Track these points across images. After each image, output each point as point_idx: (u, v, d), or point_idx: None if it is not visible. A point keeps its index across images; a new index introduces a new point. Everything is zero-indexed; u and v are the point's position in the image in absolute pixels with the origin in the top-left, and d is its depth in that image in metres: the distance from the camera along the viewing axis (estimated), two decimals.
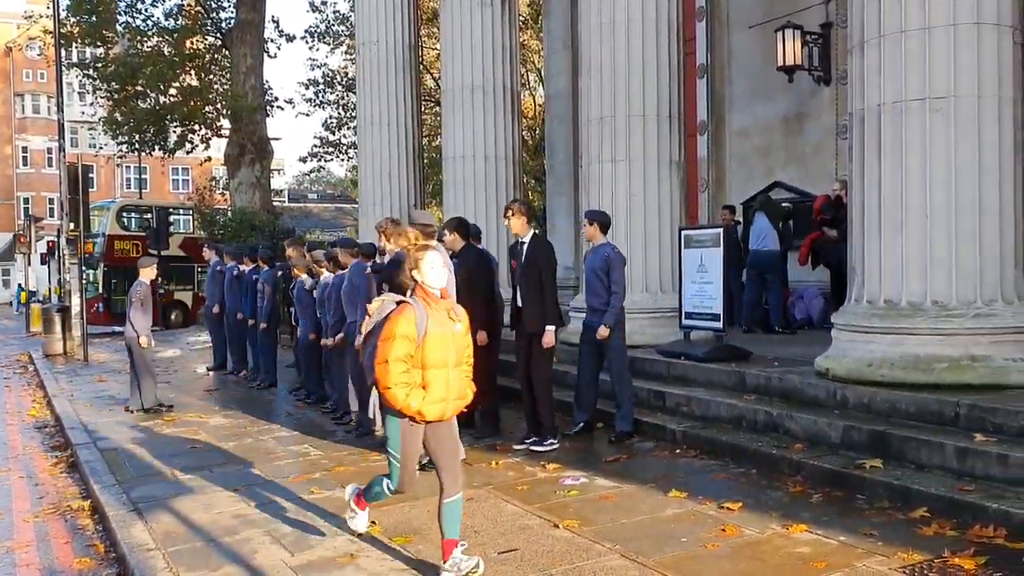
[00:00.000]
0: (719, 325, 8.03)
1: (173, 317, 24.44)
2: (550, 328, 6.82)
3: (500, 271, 8.44)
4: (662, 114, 9.09)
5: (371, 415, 4.69)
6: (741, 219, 11.32)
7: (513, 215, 6.92)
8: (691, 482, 5.77)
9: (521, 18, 22.28)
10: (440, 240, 6.87)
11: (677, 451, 6.68)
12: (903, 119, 6.07)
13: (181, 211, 27.61)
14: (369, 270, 7.54)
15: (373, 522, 5.10)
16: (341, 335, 8.22)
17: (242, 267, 11.88)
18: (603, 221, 7.26)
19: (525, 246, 6.92)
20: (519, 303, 6.97)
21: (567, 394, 8.23)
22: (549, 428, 6.91)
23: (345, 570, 4.44)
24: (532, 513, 5.22)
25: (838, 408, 6.25)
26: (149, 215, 25.33)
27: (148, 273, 9.61)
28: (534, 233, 6.99)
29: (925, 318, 5.99)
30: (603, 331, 6.94)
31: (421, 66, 18.08)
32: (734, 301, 10.22)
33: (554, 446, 6.80)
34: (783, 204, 11.21)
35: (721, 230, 8.12)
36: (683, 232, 8.57)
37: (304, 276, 9.43)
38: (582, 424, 7.30)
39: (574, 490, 5.69)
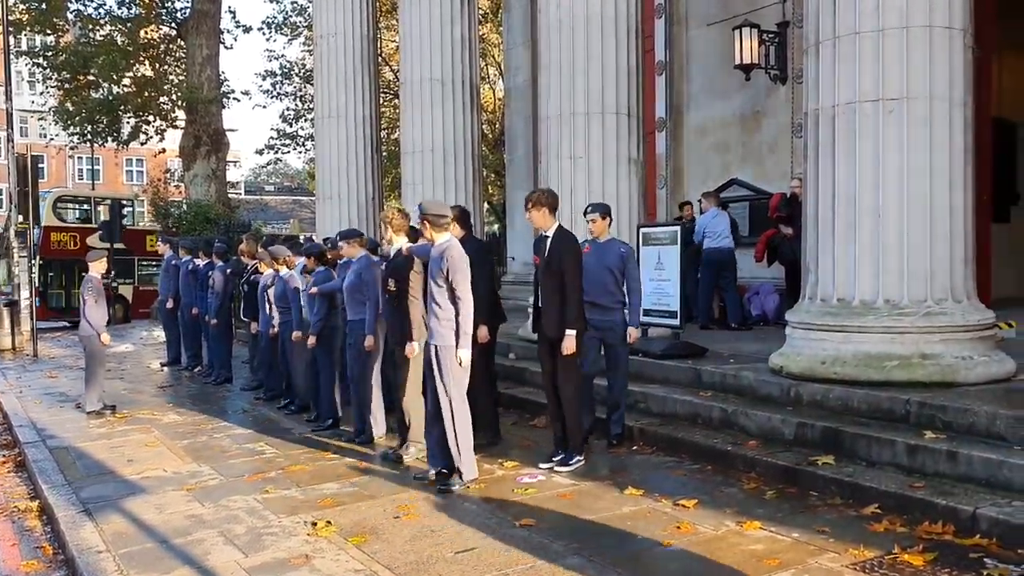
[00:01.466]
0: (676, 322, 8.09)
1: (112, 312, 23.89)
2: (571, 333, 6.03)
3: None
4: (621, 111, 9.12)
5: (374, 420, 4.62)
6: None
7: (532, 206, 6.22)
8: (647, 479, 5.81)
9: (481, 12, 22.25)
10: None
11: (634, 448, 6.71)
12: (856, 120, 6.15)
13: (123, 202, 26.95)
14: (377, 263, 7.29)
15: (328, 522, 5.07)
16: (301, 333, 8.15)
17: (197, 261, 11.74)
18: (610, 213, 6.78)
19: (549, 240, 6.20)
20: (539, 304, 6.34)
21: (523, 391, 8.27)
22: (576, 445, 6.20)
23: (300, 571, 4.39)
24: (490, 512, 5.22)
25: (792, 405, 6.33)
26: (87, 206, 24.80)
27: (98, 267, 9.31)
28: (559, 226, 6.28)
29: (877, 316, 6.08)
30: (634, 333, 6.59)
31: (380, 59, 17.99)
32: (691, 298, 10.30)
33: (580, 462, 6.15)
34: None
35: (678, 228, 8.17)
36: (641, 230, 8.61)
37: (284, 270, 9.02)
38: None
39: (532, 488, 5.69)
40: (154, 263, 25.20)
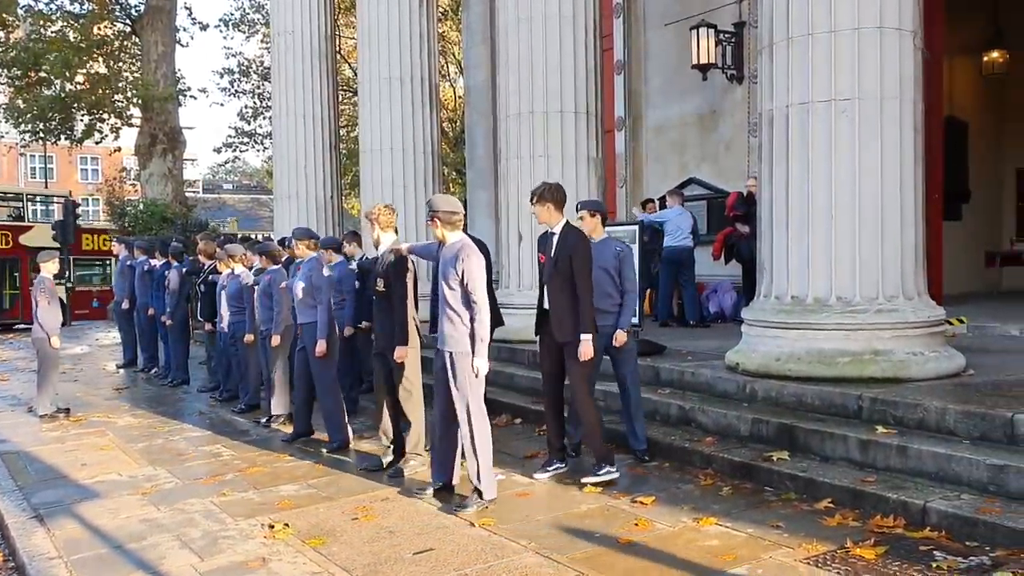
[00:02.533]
0: (635, 320, 8.12)
1: None
2: (586, 337, 5.61)
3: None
4: (579, 110, 9.17)
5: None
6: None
7: (537, 201, 5.84)
8: None
9: (440, 9, 22.18)
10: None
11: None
12: (810, 120, 6.23)
13: (55, 199, 26.25)
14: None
15: (285, 524, 5.04)
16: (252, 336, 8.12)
17: (153, 261, 11.58)
18: (605, 212, 6.42)
19: (555, 237, 5.80)
20: (545, 305, 5.89)
21: (509, 395, 8.25)
22: (602, 455, 5.74)
23: (256, 574, 4.36)
24: (448, 512, 5.21)
25: (748, 402, 6.40)
26: (18, 203, 24.24)
27: (50, 268, 9.15)
28: (566, 222, 5.87)
29: (830, 314, 6.17)
30: (621, 335, 6.04)
31: (339, 56, 17.87)
32: (651, 296, 10.38)
33: (613, 474, 5.71)
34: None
35: (637, 227, 8.22)
36: None
37: (240, 269, 8.87)
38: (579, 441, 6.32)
39: None
40: (92, 262, 24.75)
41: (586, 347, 5.63)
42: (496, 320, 6.63)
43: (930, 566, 4.01)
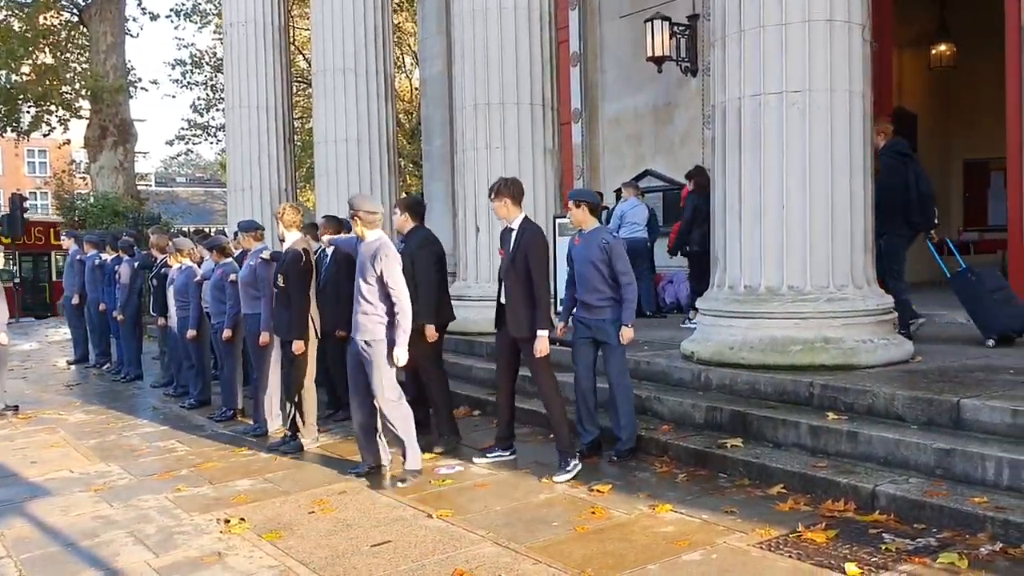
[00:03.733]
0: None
1: None
2: (542, 333, 5.67)
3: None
4: (536, 102, 9.19)
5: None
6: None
7: (495, 197, 5.87)
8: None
9: (395, 0, 22.04)
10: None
11: (551, 436, 6.71)
12: (761, 112, 6.31)
13: None
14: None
15: (242, 519, 5.00)
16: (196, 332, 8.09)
17: (104, 256, 11.40)
18: (593, 203, 6.07)
19: (514, 233, 5.85)
20: (502, 300, 5.94)
21: (467, 387, 8.25)
22: (567, 448, 5.74)
23: (212, 569, 4.33)
24: (406, 504, 5.21)
25: (702, 390, 6.48)
26: None
27: None
28: (524, 217, 5.92)
29: (782, 302, 6.26)
30: (627, 333, 5.81)
31: (293, 47, 17.68)
32: None
33: (578, 468, 5.66)
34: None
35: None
36: (557, 220, 8.70)
37: (188, 263, 8.83)
38: (590, 444, 6.10)
39: (449, 479, 5.71)
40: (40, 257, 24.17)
41: (541, 343, 5.68)
42: (448, 314, 6.73)
43: (879, 548, 4.09)
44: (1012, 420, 4.78)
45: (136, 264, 10.67)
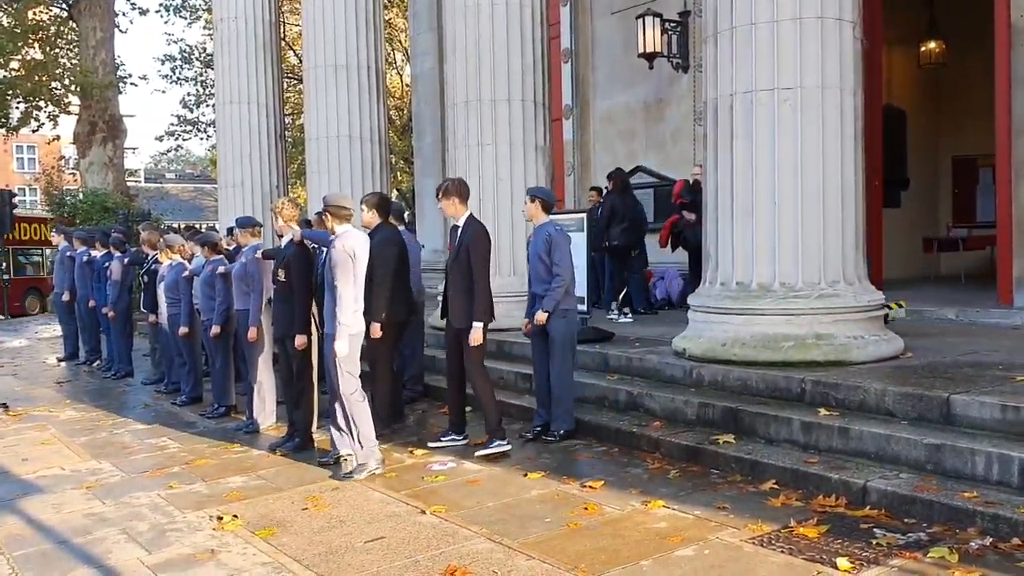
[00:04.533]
0: (583, 308, 8.19)
1: None
2: (478, 324, 6.07)
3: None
4: (527, 98, 9.18)
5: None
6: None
7: (442, 196, 6.26)
8: (556, 462, 5.90)
9: None
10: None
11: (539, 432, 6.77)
12: (753, 108, 6.32)
13: None
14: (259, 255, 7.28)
15: (235, 516, 5.00)
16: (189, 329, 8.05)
17: (94, 252, 11.36)
18: (546, 199, 6.55)
19: (459, 230, 6.24)
20: (447, 293, 6.34)
21: (433, 378, 8.26)
22: (495, 429, 6.13)
23: (206, 566, 4.32)
24: (399, 500, 5.22)
25: (694, 386, 6.50)
26: None
27: None
28: (470, 215, 6.31)
29: (774, 299, 6.28)
30: (540, 316, 6.28)
31: (284, 43, 17.64)
32: (600, 284, 10.45)
33: (504, 447, 6.07)
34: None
35: (584, 215, 8.28)
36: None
37: (179, 259, 8.83)
38: (540, 427, 6.52)
39: (442, 475, 5.72)
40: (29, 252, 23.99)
41: (476, 333, 6.08)
42: (408, 308, 7.14)
43: (870, 543, 4.12)
44: (1002, 415, 4.81)
45: (126, 260, 10.63)
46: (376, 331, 6.49)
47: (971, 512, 4.22)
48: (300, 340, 6.44)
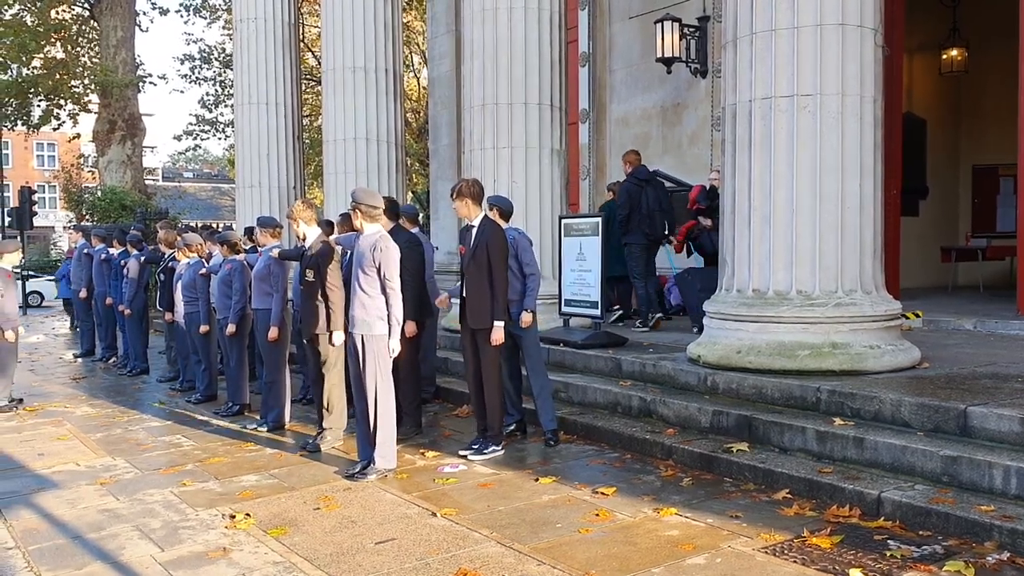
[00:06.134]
0: (597, 312, 8.18)
1: None
2: (498, 324, 6.13)
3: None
4: (544, 102, 9.18)
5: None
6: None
7: (456, 197, 6.25)
8: (567, 468, 5.88)
9: None
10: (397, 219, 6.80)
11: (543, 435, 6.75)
12: (772, 115, 6.29)
13: None
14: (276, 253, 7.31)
15: (247, 514, 5.01)
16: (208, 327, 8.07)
17: (111, 250, 11.43)
18: (504, 208, 6.61)
19: (474, 230, 6.24)
20: (464, 294, 6.32)
21: (445, 380, 8.28)
22: (494, 434, 6.25)
23: (217, 564, 4.33)
24: (410, 502, 5.22)
25: (708, 393, 6.47)
26: None
27: (12, 259, 8.81)
28: (484, 215, 6.31)
29: (790, 307, 6.24)
30: (526, 317, 6.43)
31: (302, 44, 17.70)
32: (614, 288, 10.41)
33: (497, 453, 6.19)
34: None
35: (600, 219, 8.26)
36: (563, 220, 8.69)
37: (196, 258, 8.89)
38: (513, 425, 6.76)
39: (452, 478, 5.71)
40: None
41: (497, 333, 6.13)
42: (427, 311, 7.22)
43: (884, 555, 4.08)
44: (1021, 428, 4.76)
45: (143, 259, 10.69)
46: (412, 329, 6.64)
47: (988, 526, 4.18)
48: (338, 337, 6.36)
